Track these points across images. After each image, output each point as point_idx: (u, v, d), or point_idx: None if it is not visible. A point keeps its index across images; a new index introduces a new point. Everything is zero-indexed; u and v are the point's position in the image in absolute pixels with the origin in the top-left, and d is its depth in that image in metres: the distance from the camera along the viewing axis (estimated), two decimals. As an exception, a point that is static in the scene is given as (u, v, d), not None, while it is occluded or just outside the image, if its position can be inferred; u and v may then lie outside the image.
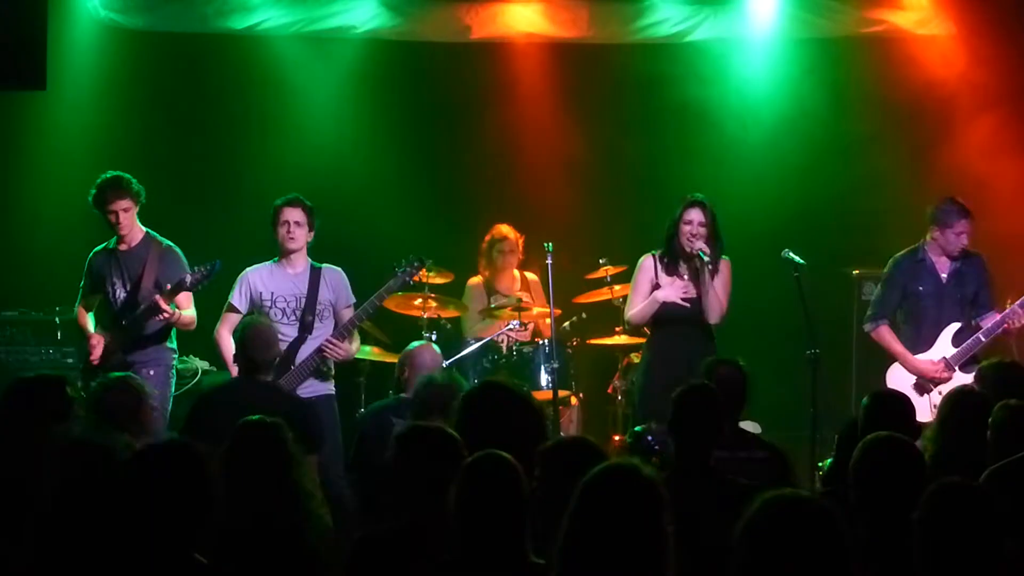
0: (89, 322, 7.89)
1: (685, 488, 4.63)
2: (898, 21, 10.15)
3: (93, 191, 7.72)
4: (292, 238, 7.78)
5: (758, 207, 9.87)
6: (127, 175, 7.74)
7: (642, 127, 10.31)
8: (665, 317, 7.89)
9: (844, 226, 10.06)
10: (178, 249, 7.89)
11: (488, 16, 10.10)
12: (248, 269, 7.88)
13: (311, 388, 7.61)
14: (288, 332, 7.67)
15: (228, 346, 7.70)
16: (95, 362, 7.65)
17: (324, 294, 7.80)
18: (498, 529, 3.92)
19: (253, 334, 6.76)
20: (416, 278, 7.97)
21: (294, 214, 7.80)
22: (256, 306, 7.75)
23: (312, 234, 7.84)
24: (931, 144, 9.98)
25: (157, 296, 7.54)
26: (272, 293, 7.77)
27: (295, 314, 7.73)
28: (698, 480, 5.09)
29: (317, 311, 7.77)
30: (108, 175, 7.73)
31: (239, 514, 4.51)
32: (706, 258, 7.76)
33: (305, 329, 7.72)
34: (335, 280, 7.87)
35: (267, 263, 7.89)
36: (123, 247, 7.82)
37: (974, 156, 9.70)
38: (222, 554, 4.19)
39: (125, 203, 7.68)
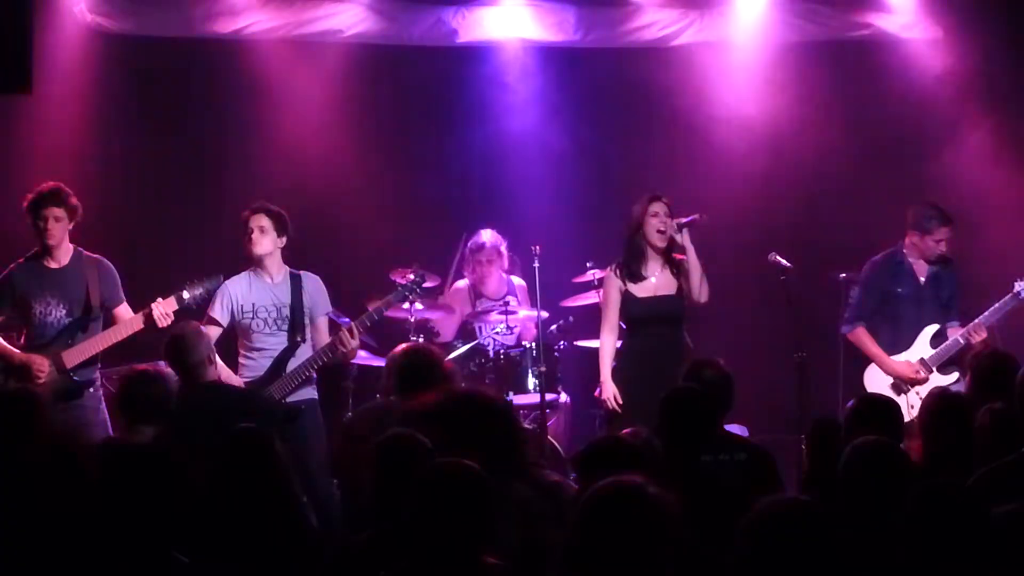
0: (1, 340, 7.52)
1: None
2: (884, 25, 10.18)
3: (30, 197, 7.45)
4: (254, 242, 7.68)
5: (745, 210, 9.88)
6: (67, 189, 7.50)
7: (629, 130, 10.33)
8: (640, 317, 7.88)
9: (831, 230, 10.07)
10: (107, 261, 7.68)
11: (474, 20, 10.10)
12: (227, 281, 7.76)
13: (296, 394, 7.58)
14: (271, 342, 7.64)
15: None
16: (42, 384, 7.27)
17: (305, 301, 7.75)
18: (450, 533, 3.91)
19: (172, 342, 6.70)
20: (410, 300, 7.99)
21: (258, 220, 7.70)
22: (237, 318, 7.67)
23: (283, 239, 7.74)
24: (918, 147, 10.00)
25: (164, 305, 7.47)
26: (253, 304, 7.69)
27: (276, 324, 7.65)
28: (684, 483, 5.09)
29: (303, 320, 7.72)
30: (49, 185, 7.47)
31: (227, 516, 4.50)
32: (705, 218, 7.77)
33: (295, 337, 7.66)
34: (313, 287, 7.81)
35: (245, 274, 7.80)
36: (52, 264, 7.52)
37: (963, 160, 9.73)
38: (205, 553, 4.19)
39: (59, 212, 7.42)
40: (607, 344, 7.92)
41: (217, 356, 7.10)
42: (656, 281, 7.88)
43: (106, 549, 3.86)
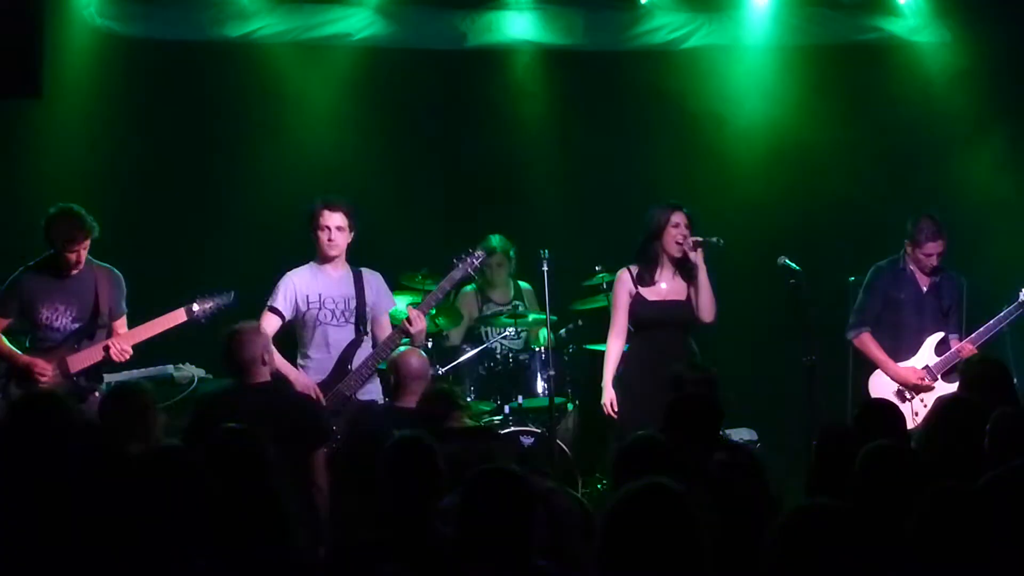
0: (6, 343, 7.50)
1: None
2: (893, 28, 10.17)
3: (51, 223, 7.35)
4: (333, 244, 7.59)
5: (754, 214, 9.87)
6: (81, 209, 7.40)
7: (638, 134, 10.32)
8: (648, 320, 7.89)
9: (840, 233, 10.07)
10: (116, 271, 7.64)
11: (484, 24, 10.10)
12: (289, 272, 7.66)
13: (368, 392, 7.51)
14: (338, 335, 7.55)
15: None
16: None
17: (368, 296, 7.65)
18: (503, 537, 3.95)
19: (229, 338, 6.63)
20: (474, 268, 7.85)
21: (335, 218, 7.59)
22: (302, 309, 7.56)
23: (352, 235, 7.68)
24: (928, 151, 10.00)
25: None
26: (320, 295, 7.57)
27: (343, 316, 7.56)
28: (693, 484, 5.09)
29: (367, 314, 7.62)
30: (68, 211, 7.36)
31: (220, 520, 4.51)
32: (720, 243, 7.82)
33: (360, 331, 7.56)
34: (376, 283, 7.74)
35: (306, 266, 7.68)
36: (64, 271, 7.48)
37: (973, 164, 9.72)
38: (216, 557, 4.20)
39: (87, 243, 7.40)
40: (613, 349, 7.93)
41: (276, 352, 6.92)
42: (667, 286, 7.89)
43: (128, 549, 3.87)
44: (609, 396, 7.82)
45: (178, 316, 7.50)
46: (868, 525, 4.27)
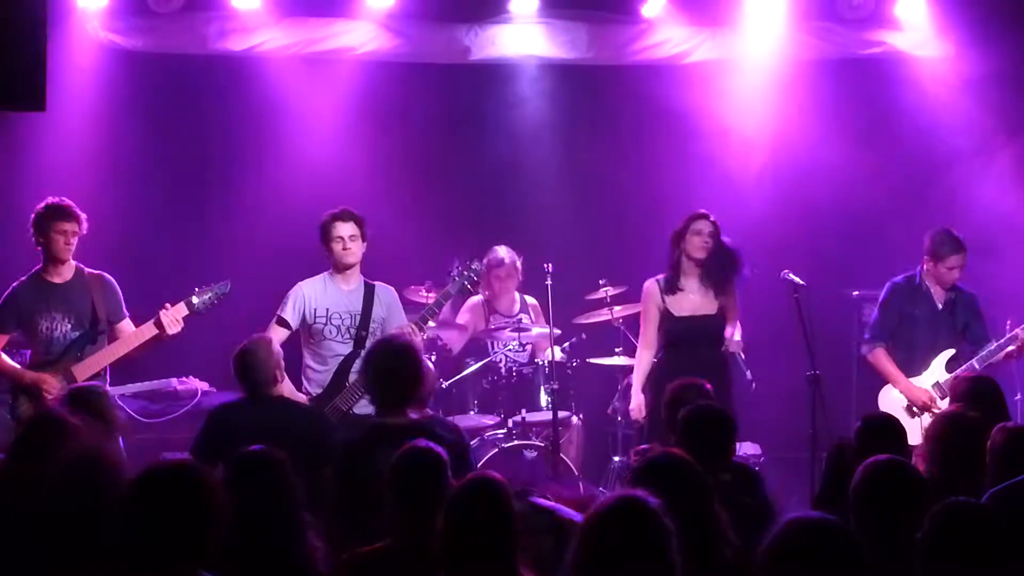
0: (8, 361, 7.54)
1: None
2: (897, 43, 10.17)
3: (41, 214, 7.44)
4: (349, 252, 7.60)
5: (757, 228, 9.86)
6: (71, 202, 7.48)
7: (642, 148, 10.33)
8: (678, 336, 7.91)
9: (843, 247, 10.07)
10: (108, 276, 7.64)
11: (487, 37, 10.11)
12: (301, 283, 7.67)
13: (366, 407, 7.50)
14: (342, 350, 7.55)
15: None
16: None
17: (377, 311, 7.64)
18: (487, 548, 3.94)
19: (243, 353, 6.55)
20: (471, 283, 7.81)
21: (347, 228, 7.61)
22: (309, 322, 7.57)
23: (365, 245, 7.69)
24: (930, 165, 9.99)
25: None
26: (327, 309, 7.58)
27: (349, 332, 7.56)
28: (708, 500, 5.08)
29: (371, 329, 7.59)
30: (53, 201, 7.46)
31: (238, 539, 4.49)
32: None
33: (359, 346, 7.54)
34: (388, 299, 7.72)
35: (319, 277, 7.69)
36: (56, 279, 7.50)
37: (976, 178, 9.72)
38: (227, 573, 4.19)
39: (75, 226, 7.42)
40: (643, 359, 7.98)
41: (283, 372, 6.86)
42: (695, 299, 7.90)
43: (137, 567, 3.86)
44: (639, 400, 7.82)
45: (179, 310, 7.49)
46: (863, 539, 4.28)
